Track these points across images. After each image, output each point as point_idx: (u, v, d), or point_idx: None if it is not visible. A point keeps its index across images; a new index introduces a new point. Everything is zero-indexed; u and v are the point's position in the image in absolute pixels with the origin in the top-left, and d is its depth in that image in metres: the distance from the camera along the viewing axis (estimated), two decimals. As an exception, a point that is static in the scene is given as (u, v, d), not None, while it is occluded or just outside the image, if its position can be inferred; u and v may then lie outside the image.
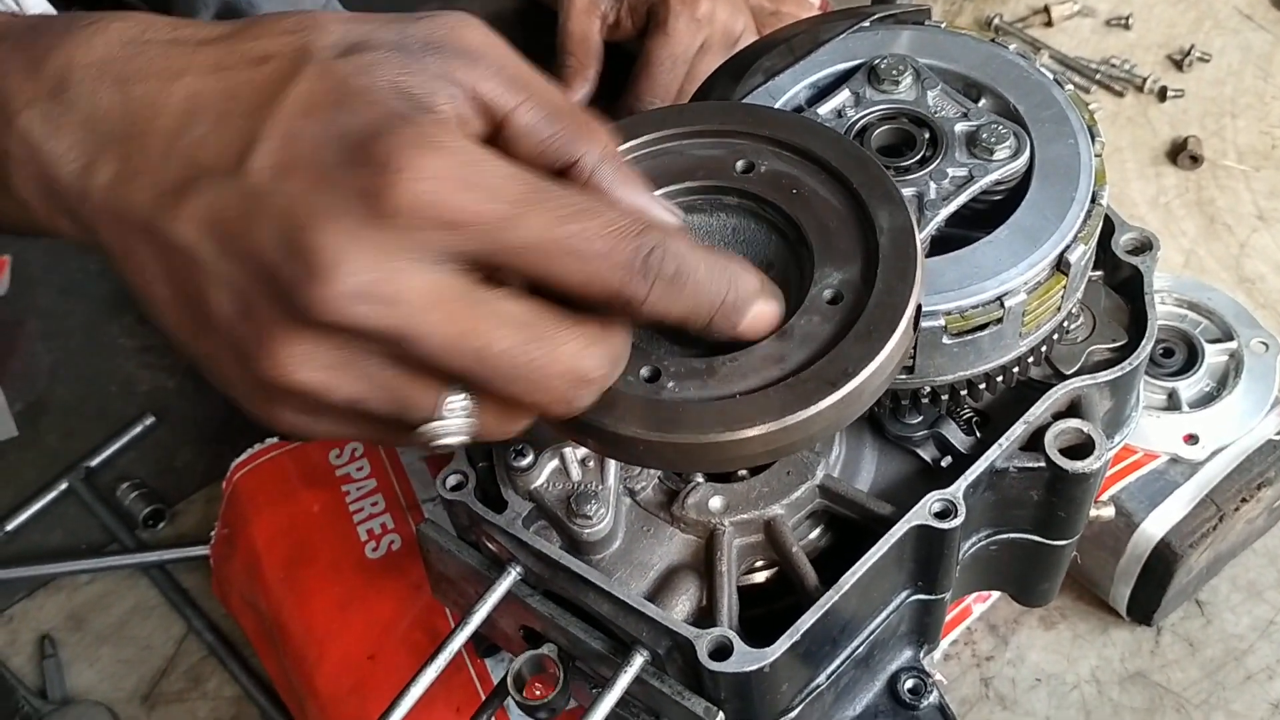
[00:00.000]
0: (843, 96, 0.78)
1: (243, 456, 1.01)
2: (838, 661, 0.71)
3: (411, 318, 0.50)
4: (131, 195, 0.52)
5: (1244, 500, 0.90)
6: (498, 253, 0.51)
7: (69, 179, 0.54)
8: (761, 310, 0.59)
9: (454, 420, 0.54)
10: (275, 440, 1.02)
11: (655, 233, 0.53)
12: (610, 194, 0.56)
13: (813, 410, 0.58)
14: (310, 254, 0.48)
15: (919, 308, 0.62)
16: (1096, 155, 0.74)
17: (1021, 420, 0.72)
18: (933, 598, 0.74)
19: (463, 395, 0.53)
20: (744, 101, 0.78)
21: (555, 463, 0.72)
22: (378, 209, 0.49)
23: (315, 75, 0.52)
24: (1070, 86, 0.78)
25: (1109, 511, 0.87)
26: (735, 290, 0.57)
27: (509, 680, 0.68)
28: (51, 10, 0.95)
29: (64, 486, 1.12)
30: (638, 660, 0.66)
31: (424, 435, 0.54)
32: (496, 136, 0.55)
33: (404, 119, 0.50)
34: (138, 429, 1.15)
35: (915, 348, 0.69)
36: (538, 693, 0.69)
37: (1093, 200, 0.72)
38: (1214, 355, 0.95)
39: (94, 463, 1.13)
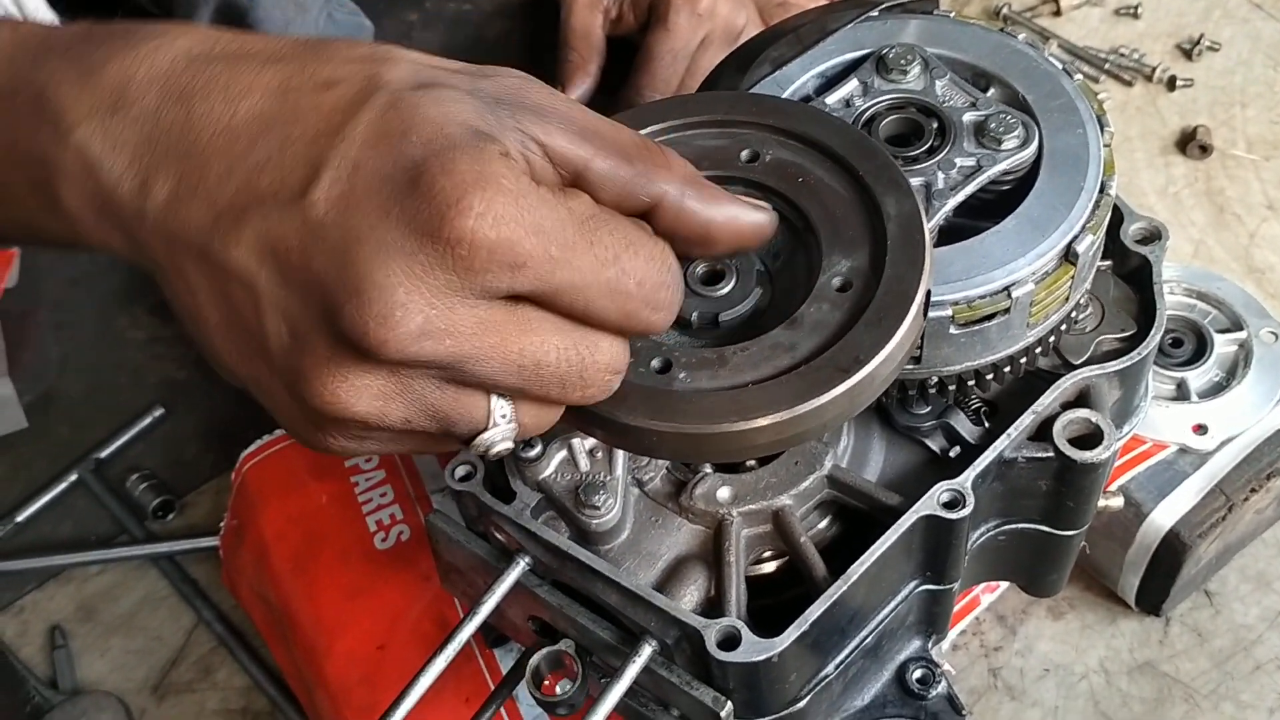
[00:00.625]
0: (851, 86, 0.78)
1: (252, 448, 1.02)
2: (846, 651, 0.71)
3: (468, 344, 0.51)
4: (188, 215, 0.52)
5: (1253, 490, 0.89)
6: (544, 291, 0.52)
7: (126, 196, 0.53)
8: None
9: (502, 427, 0.55)
10: (284, 432, 1.02)
11: (675, 261, 0.55)
12: (698, 217, 0.57)
13: (825, 398, 0.58)
14: (372, 293, 0.49)
15: (929, 294, 0.62)
16: (1105, 145, 0.74)
17: (1030, 410, 0.72)
18: (941, 588, 0.74)
19: (506, 402, 0.54)
20: (747, 91, 0.78)
21: (563, 453, 0.72)
22: (442, 249, 0.49)
23: (384, 105, 0.51)
24: (1079, 76, 0.77)
25: (1118, 502, 0.87)
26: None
27: (528, 677, 0.68)
28: (50, 13, 0.94)
29: (74, 478, 1.12)
30: (646, 650, 0.66)
31: (479, 447, 0.55)
32: (576, 187, 0.55)
33: (467, 151, 0.50)
34: (147, 420, 1.15)
35: (923, 338, 0.69)
36: (545, 683, 0.69)
37: (1101, 190, 0.72)
38: (1223, 345, 0.95)
39: (104, 454, 1.14)
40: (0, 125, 0.56)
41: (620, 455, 0.72)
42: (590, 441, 0.71)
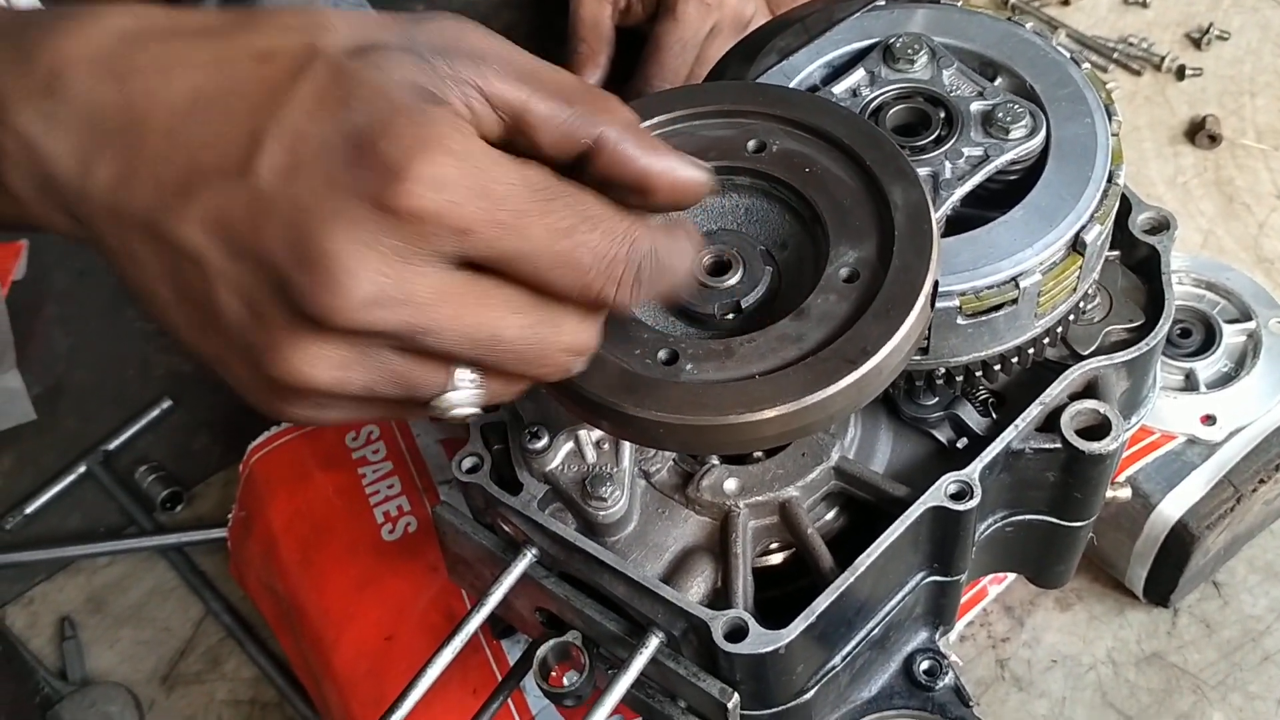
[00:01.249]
0: (858, 76, 0.78)
1: (259, 440, 1.02)
2: (853, 643, 0.71)
3: (423, 315, 0.50)
4: (133, 195, 0.52)
5: (1262, 481, 0.89)
6: (498, 258, 0.51)
7: (68, 177, 0.53)
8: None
9: (464, 392, 0.55)
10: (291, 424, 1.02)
11: (647, 240, 0.54)
12: (636, 164, 0.56)
13: (832, 390, 0.58)
14: (322, 262, 0.48)
15: (936, 284, 0.62)
16: (1113, 134, 0.73)
17: (1037, 401, 0.72)
18: (948, 579, 0.74)
19: (469, 369, 0.54)
20: (754, 81, 0.78)
21: (570, 445, 0.72)
22: (389, 215, 0.48)
23: (323, 73, 0.51)
24: (1087, 65, 0.77)
25: (1126, 493, 0.86)
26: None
27: (535, 668, 0.69)
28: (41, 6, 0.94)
29: (82, 470, 1.13)
30: (653, 642, 0.66)
31: (437, 409, 0.55)
32: (517, 131, 0.55)
33: (412, 114, 0.49)
34: (155, 412, 1.16)
35: (930, 329, 0.69)
36: (552, 675, 0.69)
37: (1109, 180, 0.72)
38: (1232, 335, 0.94)
39: (112, 446, 1.14)
40: None
41: (627, 447, 0.72)
42: (597, 433, 0.71)
